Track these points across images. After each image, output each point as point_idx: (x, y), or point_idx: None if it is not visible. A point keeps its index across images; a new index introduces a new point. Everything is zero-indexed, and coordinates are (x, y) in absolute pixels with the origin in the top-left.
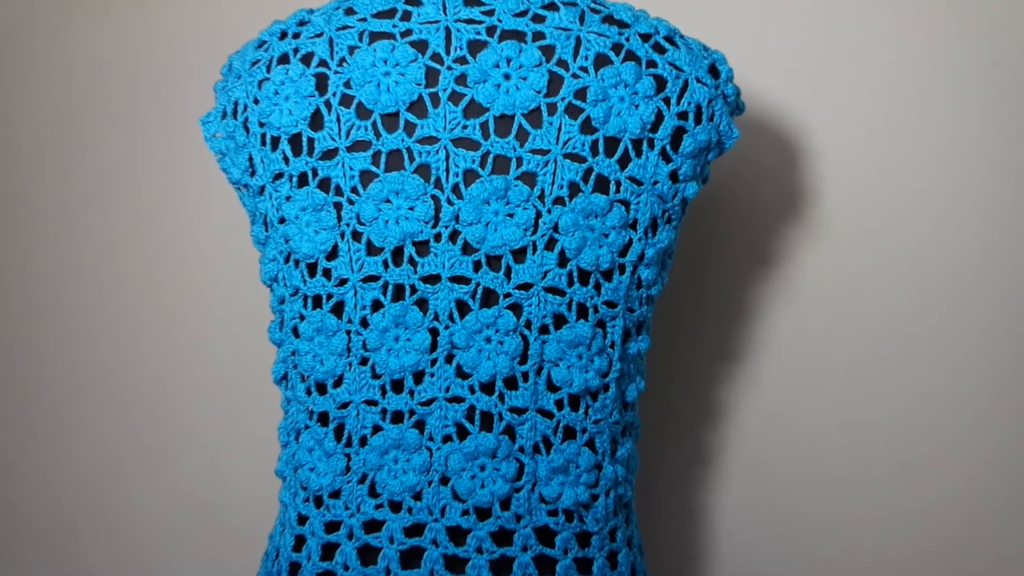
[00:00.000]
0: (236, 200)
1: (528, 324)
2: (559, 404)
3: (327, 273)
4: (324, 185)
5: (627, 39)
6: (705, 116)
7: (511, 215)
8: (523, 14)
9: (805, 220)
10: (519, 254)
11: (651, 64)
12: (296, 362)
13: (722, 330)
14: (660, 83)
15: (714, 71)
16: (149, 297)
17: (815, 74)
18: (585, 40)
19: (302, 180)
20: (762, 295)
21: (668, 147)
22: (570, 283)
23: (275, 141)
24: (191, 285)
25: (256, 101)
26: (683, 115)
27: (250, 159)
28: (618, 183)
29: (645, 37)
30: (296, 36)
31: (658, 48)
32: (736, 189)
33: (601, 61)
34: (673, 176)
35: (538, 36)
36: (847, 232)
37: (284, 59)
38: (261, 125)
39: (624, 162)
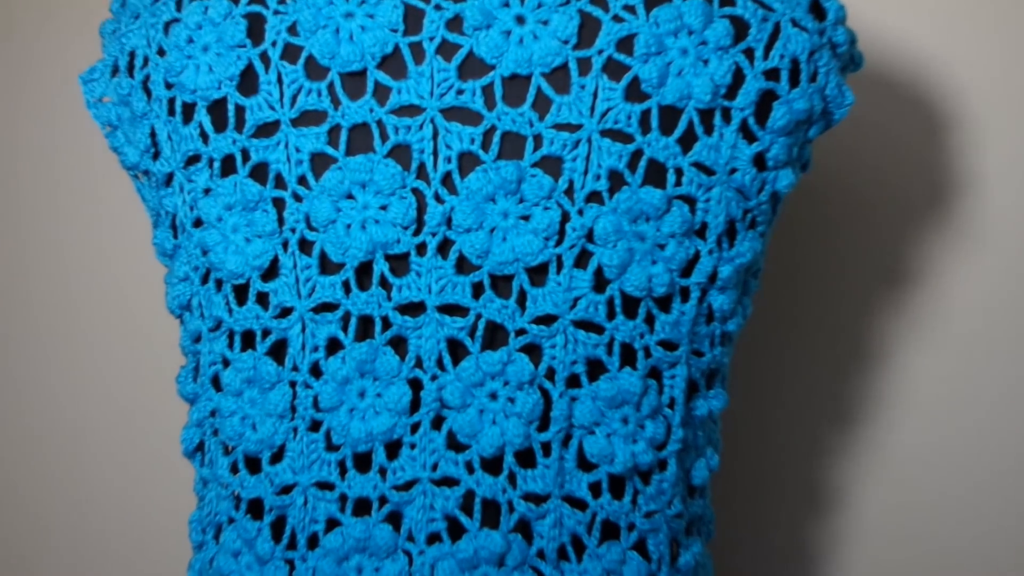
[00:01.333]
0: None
1: (550, 374)
2: (595, 489)
3: (262, 299)
4: (259, 173)
5: None
6: (805, 75)
7: (526, 218)
8: None
9: (954, 224)
10: (537, 273)
11: (726, 2)
12: (217, 426)
13: (832, 381)
14: (740, 28)
15: (817, 10)
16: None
17: (972, 13)
18: None
19: (227, 166)
20: (891, 330)
21: (751, 120)
22: (610, 315)
23: (188, 110)
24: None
25: (161, 52)
26: (773, 74)
27: (152, 135)
28: (679, 172)
29: None
30: None
31: None
32: (851, 180)
33: None
34: (759, 161)
35: None
36: (1014, 243)
37: None
38: (168, 87)
39: (688, 142)
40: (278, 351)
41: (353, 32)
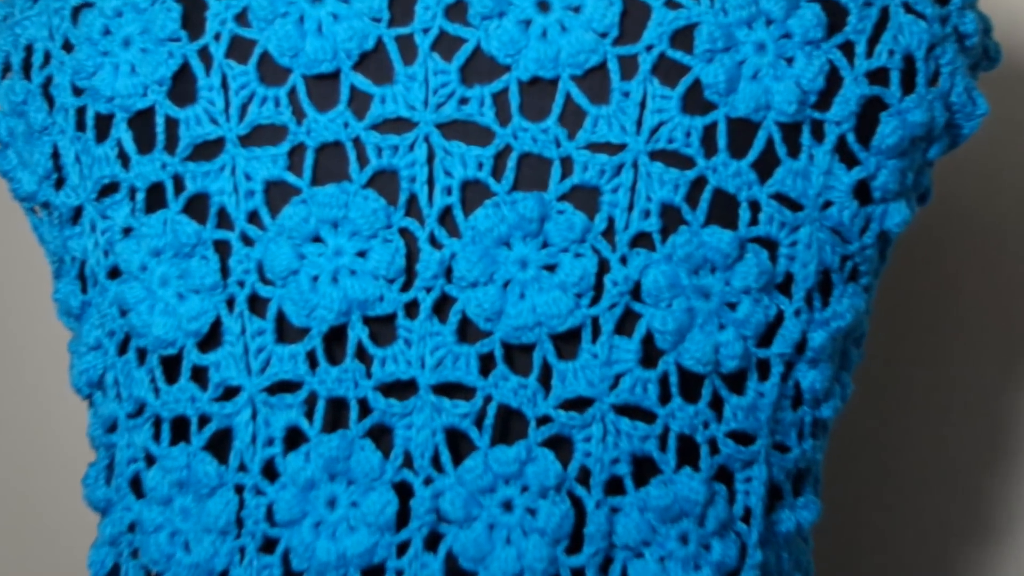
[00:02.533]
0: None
1: (584, 476)
2: None
3: (200, 375)
4: (197, 208)
5: None
6: (922, 77)
7: (551, 268)
8: None
9: None
10: (567, 342)
11: None
12: (138, 545)
13: (965, 484)
14: (835, 15)
15: None
16: None
17: None
18: None
19: (155, 198)
20: None
21: (851, 137)
22: (664, 397)
23: (104, 123)
24: None
25: (68, 46)
26: (879, 75)
27: (55, 156)
28: (755, 206)
29: None
30: None
31: None
32: (987, 212)
33: None
34: (862, 192)
35: None
36: None
37: None
38: (77, 92)
39: (766, 167)
40: (220, 445)
41: (322, 21)
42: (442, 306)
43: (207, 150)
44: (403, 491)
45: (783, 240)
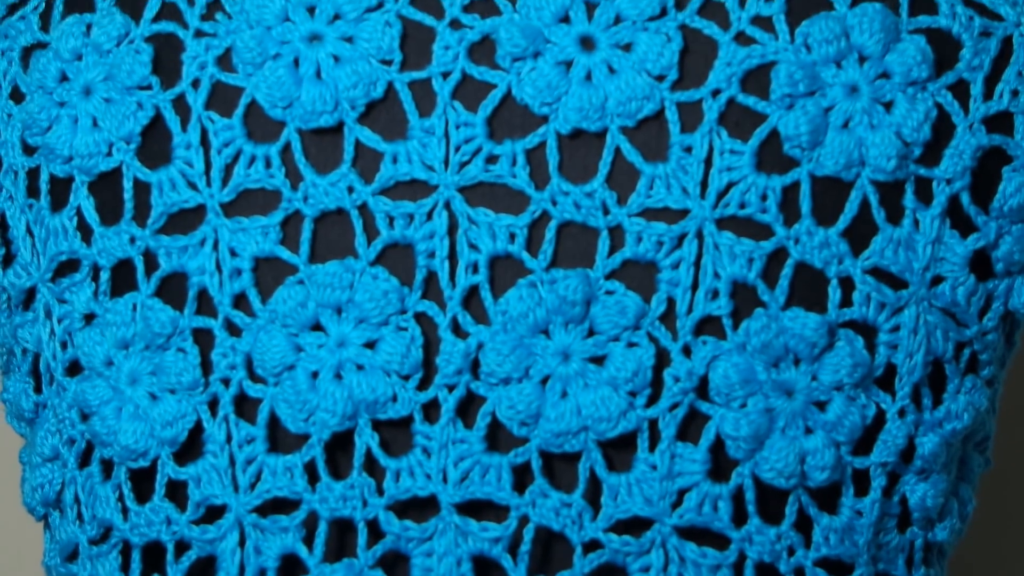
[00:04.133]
0: None
1: None
2: None
3: (176, 492)
4: (172, 289)
5: None
6: None
7: (599, 360)
8: None
9: None
10: (619, 451)
11: (920, 4)
12: None
13: None
14: (944, 49)
15: None
16: None
17: None
18: None
19: (122, 278)
20: None
21: (966, 198)
22: (739, 517)
23: (60, 188)
24: None
25: (17, 95)
26: (999, 121)
27: (2, 227)
28: (847, 283)
29: None
30: None
31: None
32: None
33: (804, 2)
34: (980, 264)
35: None
36: None
37: None
38: (29, 151)
39: (861, 235)
40: None
41: (321, 65)
42: (467, 407)
43: (184, 220)
44: None
45: (883, 325)
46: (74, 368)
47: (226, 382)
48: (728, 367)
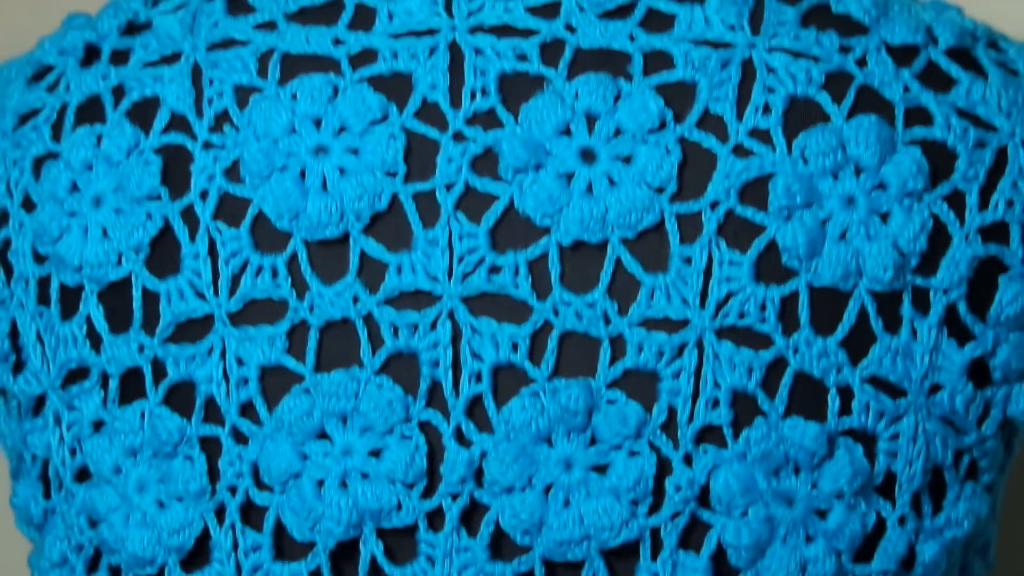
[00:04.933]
0: None
1: None
2: None
3: None
4: (180, 398)
5: (860, 60)
6: None
7: (601, 469)
8: (622, 12)
9: None
10: (622, 559)
11: (916, 116)
12: None
13: None
14: (940, 159)
15: None
16: None
17: None
18: (764, 68)
19: (130, 386)
20: None
21: (963, 307)
22: None
23: (71, 297)
24: None
25: (28, 204)
26: (996, 231)
27: (13, 334)
28: (846, 392)
29: (903, 54)
30: (120, 58)
31: (933, 75)
32: None
33: (801, 114)
34: (978, 372)
35: (657, 62)
36: None
37: (93, 110)
38: (39, 259)
39: (859, 344)
40: None
41: (327, 177)
42: (471, 516)
43: (192, 329)
44: None
45: (882, 433)
46: (83, 475)
47: (233, 490)
48: (729, 476)
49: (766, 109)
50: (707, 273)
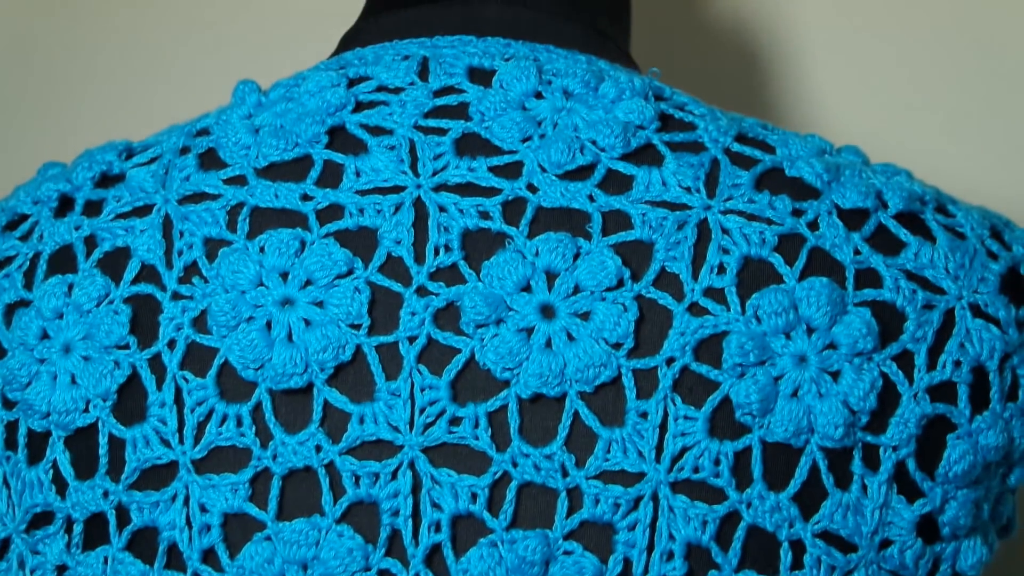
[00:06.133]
0: None
1: None
2: None
3: None
4: (143, 544)
5: (812, 223)
6: (996, 391)
7: None
8: (582, 173)
9: None
10: None
11: (866, 278)
12: None
13: None
14: (889, 320)
15: (1016, 286)
16: None
17: None
18: (719, 230)
19: (95, 532)
20: None
21: (912, 464)
22: None
23: (38, 443)
24: None
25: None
26: (944, 391)
27: None
28: (798, 546)
29: (854, 217)
30: (93, 209)
31: (882, 239)
32: None
33: (755, 274)
34: (927, 528)
35: (615, 222)
36: None
37: (65, 260)
38: (8, 405)
39: (810, 499)
40: None
41: (292, 328)
42: None
43: (156, 476)
44: None
45: None
46: None
47: None
48: None
49: (721, 269)
50: (663, 428)
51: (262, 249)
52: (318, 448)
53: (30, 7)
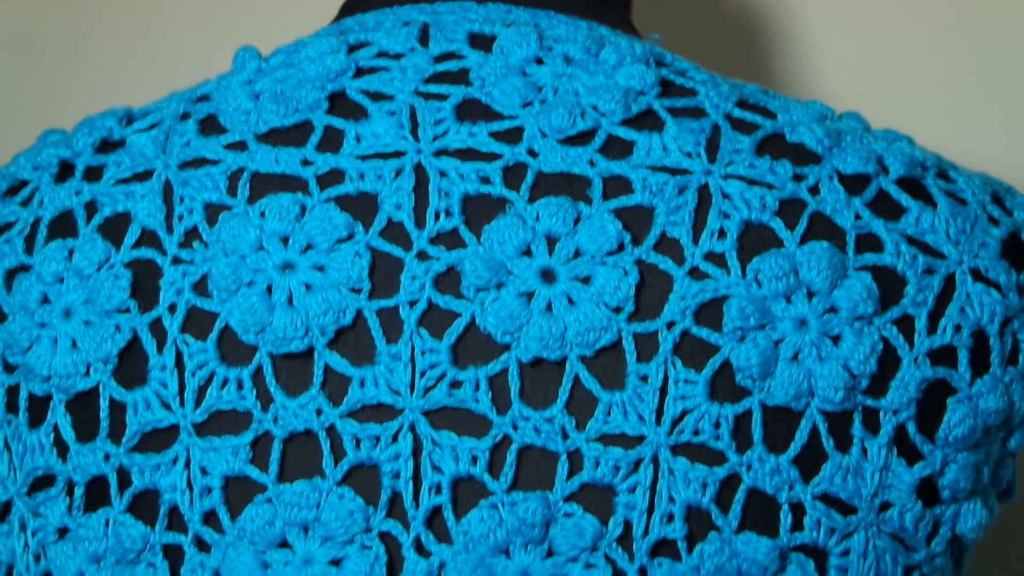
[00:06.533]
0: None
1: None
2: None
3: None
4: (144, 506)
5: (813, 188)
6: (997, 355)
7: None
8: (583, 138)
9: None
10: None
11: (867, 243)
12: None
13: None
14: (889, 285)
15: (1016, 251)
16: None
17: None
18: (720, 195)
19: (95, 494)
20: None
21: (912, 428)
22: None
23: (39, 406)
24: None
25: (0, 315)
26: (944, 355)
27: None
28: (798, 508)
29: (855, 183)
30: (94, 174)
31: (883, 204)
32: None
33: (756, 239)
34: (927, 491)
35: (616, 187)
36: None
37: (66, 225)
38: (9, 369)
39: (811, 462)
40: None
41: (293, 292)
42: None
43: (157, 439)
44: None
45: (833, 549)
46: None
47: None
48: None
49: (721, 234)
50: (663, 391)
51: (262, 214)
52: (319, 411)
53: (31, 8)
